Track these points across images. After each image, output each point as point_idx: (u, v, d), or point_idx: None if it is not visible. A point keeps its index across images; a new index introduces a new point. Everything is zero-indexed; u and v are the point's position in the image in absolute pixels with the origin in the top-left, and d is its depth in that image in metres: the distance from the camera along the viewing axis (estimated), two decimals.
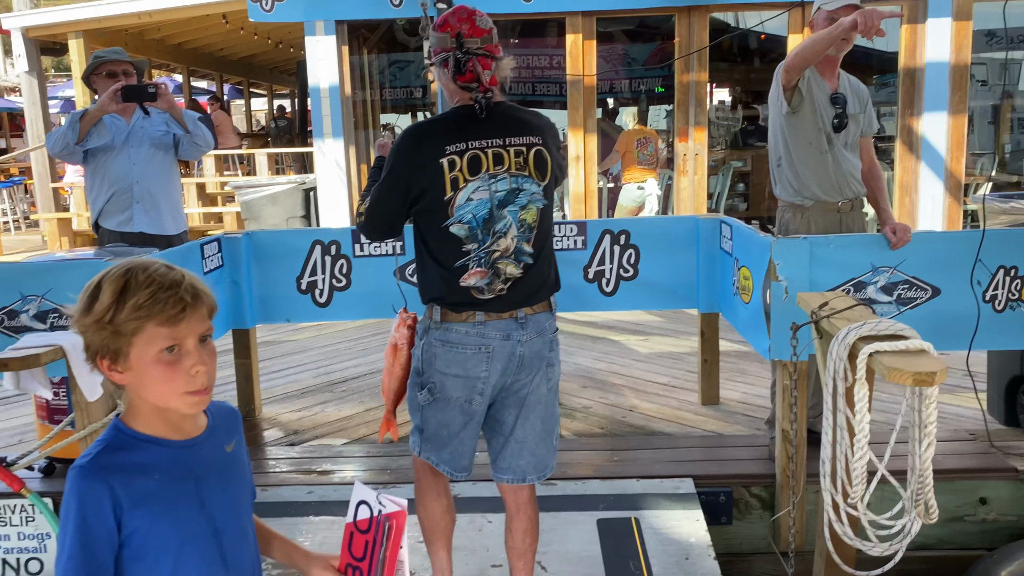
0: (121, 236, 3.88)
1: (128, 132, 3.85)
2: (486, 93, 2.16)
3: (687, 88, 6.84)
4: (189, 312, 1.27)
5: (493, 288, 2.16)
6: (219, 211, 9.39)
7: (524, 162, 2.17)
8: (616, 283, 3.97)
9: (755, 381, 4.37)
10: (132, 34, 10.74)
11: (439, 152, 2.12)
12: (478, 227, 2.14)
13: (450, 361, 2.19)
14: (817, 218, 3.33)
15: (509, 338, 2.17)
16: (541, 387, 2.26)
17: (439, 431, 2.27)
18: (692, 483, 3.18)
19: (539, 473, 2.33)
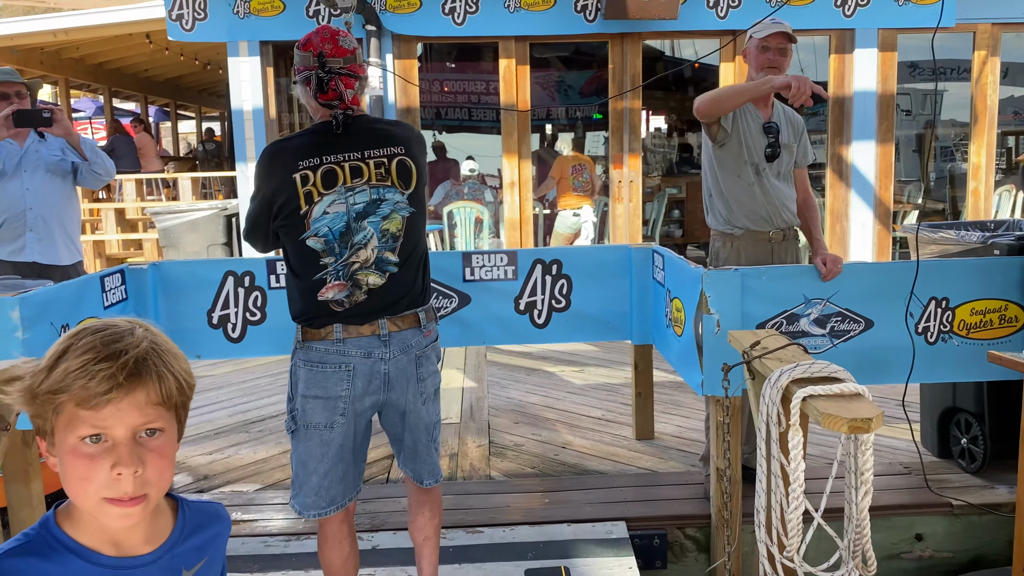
0: (13, 266, 3.61)
1: (21, 157, 3.60)
2: (347, 110, 2.17)
3: (621, 115, 6.80)
4: (119, 394, 1.01)
5: (353, 299, 2.16)
6: (139, 237, 8.98)
7: (386, 173, 2.18)
8: (548, 315, 3.83)
9: (690, 414, 4.27)
10: (48, 52, 10.29)
11: (293, 167, 2.13)
12: (335, 240, 2.14)
13: (311, 382, 2.16)
14: (748, 247, 3.26)
15: (370, 356, 2.16)
16: (416, 402, 2.27)
17: (299, 471, 2.25)
18: (625, 527, 3.03)
19: (435, 477, 2.39)
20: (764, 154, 3.20)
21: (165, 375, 1.05)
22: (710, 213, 3.35)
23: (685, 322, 3.15)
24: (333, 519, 2.29)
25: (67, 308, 3.12)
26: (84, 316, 3.24)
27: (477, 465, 3.67)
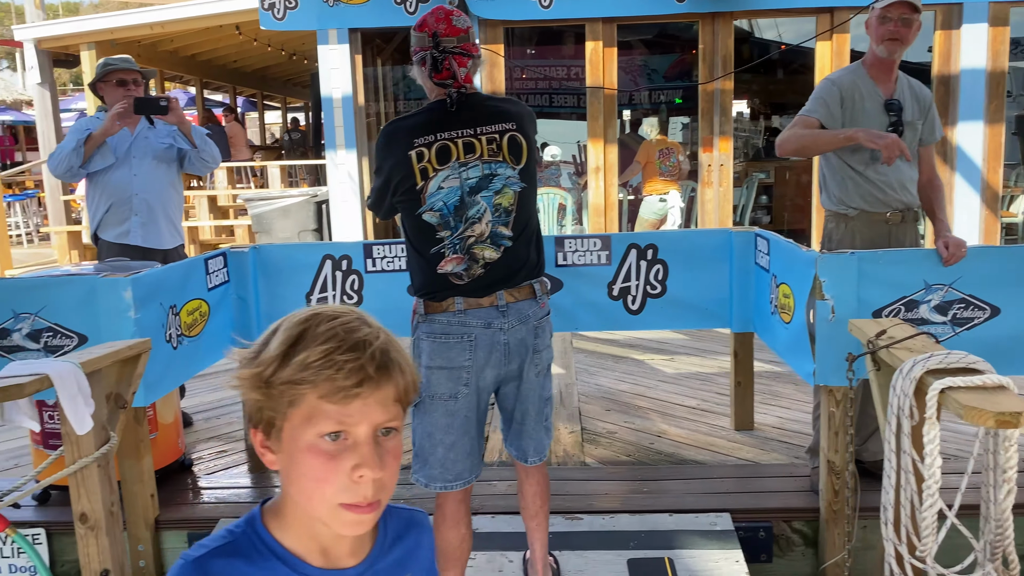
0: (120, 248, 3.75)
1: (131, 144, 3.73)
2: (460, 88, 2.20)
3: (711, 97, 6.62)
4: (369, 389, 0.93)
5: (471, 272, 2.21)
6: (230, 224, 9.23)
7: (497, 148, 2.21)
8: (643, 301, 3.74)
9: (790, 405, 4.12)
10: (145, 45, 10.65)
11: (408, 145, 2.19)
12: (449, 214, 2.19)
13: (435, 353, 2.21)
14: (863, 229, 3.12)
15: (490, 326, 2.20)
16: (530, 373, 2.30)
17: (424, 443, 2.29)
18: (729, 518, 2.94)
19: (539, 455, 2.41)
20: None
21: (406, 369, 0.97)
22: (823, 192, 3.22)
23: (795, 309, 3.02)
24: (453, 497, 2.31)
25: (175, 289, 3.20)
26: (190, 297, 3.31)
27: (571, 451, 3.63)
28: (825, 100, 3.09)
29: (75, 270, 3.64)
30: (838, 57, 6.50)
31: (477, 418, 2.30)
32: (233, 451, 3.77)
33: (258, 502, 1.08)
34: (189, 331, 3.29)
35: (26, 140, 21.30)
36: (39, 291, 2.97)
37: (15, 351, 2.99)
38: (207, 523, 3.06)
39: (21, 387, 2.03)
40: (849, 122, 3.05)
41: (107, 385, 2.43)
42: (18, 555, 3.10)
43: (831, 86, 3.10)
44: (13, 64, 35.87)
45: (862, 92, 3.07)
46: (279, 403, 0.95)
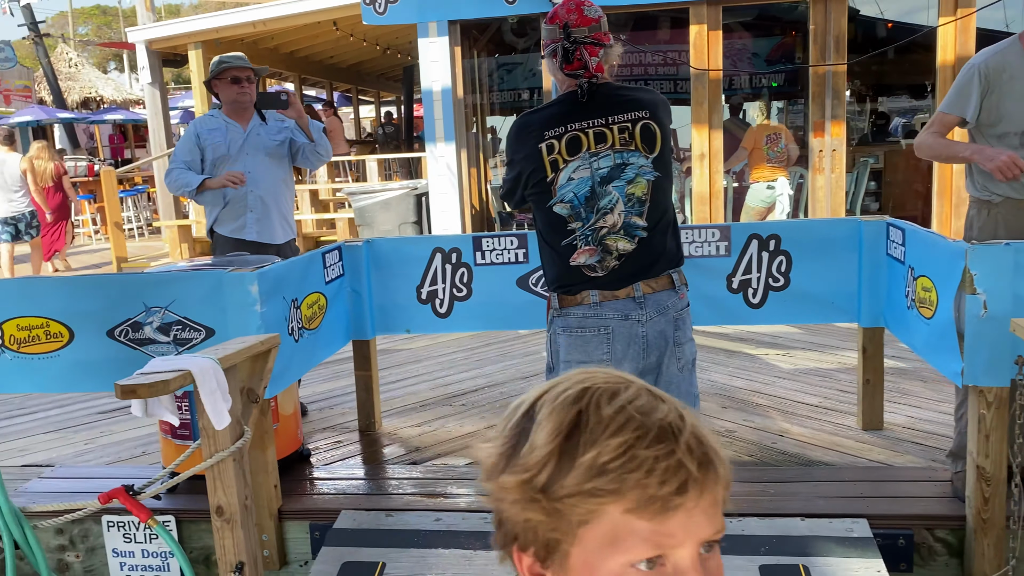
0: (235, 243, 3.83)
1: (244, 140, 3.80)
2: (591, 78, 2.16)
3: (823, 79, 6.34)
4: (693, 494, 0.71)
5: (605, 264, 2.16)
6: (331, 217, 9.41)
7: (629, 137, 2.17)
8: (764, 294, 3.59)
9: (920, 403, 3.90)
10: (247, 44, 10.95)
11: (539, 137, 2.17)
12: (580, 205, 2.15)
13: (571, 347, 2.18)
14: (1008, 216, 2.93)
15: (628, 318, 2.16)
16: (671, 367, 2.24)
17: None
18: (867, 525, 2.78)
19: None
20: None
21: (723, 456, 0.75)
22: (968, 177, 3.03)
23: (937, 303, 2.83)
24: None
25: (296, 283, 3.24)
26: (309, 291, 3.35)
27: None
28: (964, 93, 2.92)
29: (199, 264, 3.74)
30: (963, 34, 6.12)
31: None
32: (348, 442, 3.82)
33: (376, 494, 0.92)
34: (309, 324, 3.33)
35: (134, 137, 22.33)
36: (169, 285, 3.05)
37: (146, 343, 3.08)
38: (329, 514, 3.09)
39: (167, 383, 2.07)
40: (996, 108, 2.87)
41: (240, 380, 2.47)
42: (151, 541, 3.20)
43: (972, 74, 2.91)
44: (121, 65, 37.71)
45: (1012, 72, 2.85)
46: (564, 521, 0.71)
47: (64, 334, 3.14)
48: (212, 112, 3.95)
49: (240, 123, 3.84)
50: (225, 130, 3.82)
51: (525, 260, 3.70)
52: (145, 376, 2.13)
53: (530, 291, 3.71)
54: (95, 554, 3.25)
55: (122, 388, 2.09)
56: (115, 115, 20.36)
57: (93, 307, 3.09)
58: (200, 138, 3.81)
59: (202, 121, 3.89)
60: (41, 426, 4.30)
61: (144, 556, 3.22)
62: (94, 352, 3.11)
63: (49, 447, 4.00)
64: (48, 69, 18.85)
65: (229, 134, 3.81)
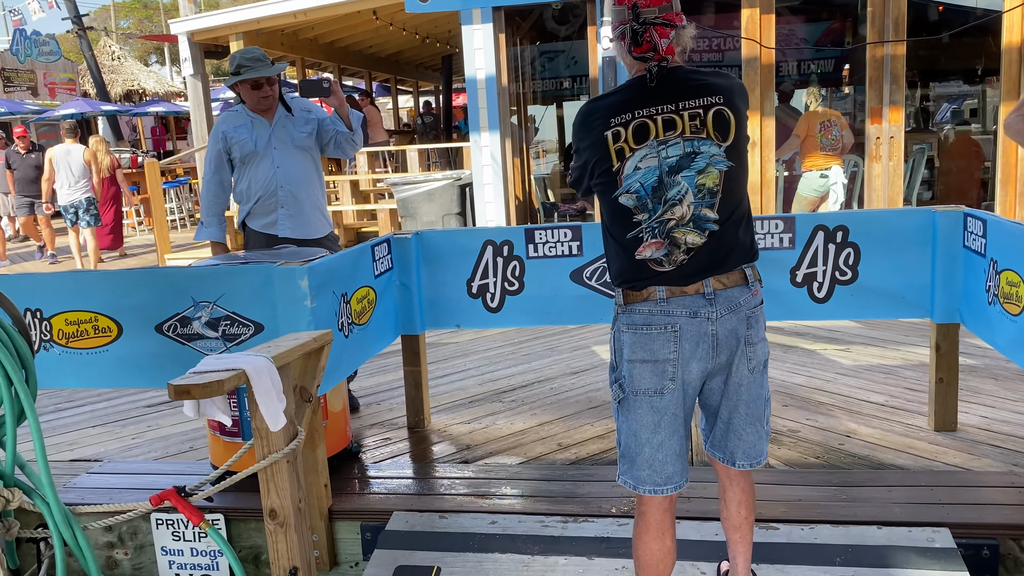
0: (267, 238, 3.74)
1: (270, 134, 3.69)
2: (661, 61, 2.01)
3: (881, 64, 6.11)
4: None
5: (673, 259, 2.04)
6: (372, 208, 9.36)
7: (701, 124, 2.03)
8: (830, 288, 3.43)
9: (995, 403, 3.70)
10: (287, 34, 10.94)
11: (604, 125, 2.05)
12: (647, 196, 2.04)
13: (636, 345, 2.07)
14: None
15: (696, 315, 2.04)
16: (742, 368, 2.10)
17: (629, 442, 2.13)
18: (949, 534, 2.62)
19: (749, 460, 2.20)
20: None
21: None
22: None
23: None
24: (658, 505, 2.14)
25: (345, 277, 3.15)
26: (359, 285, 3.27)
27: None
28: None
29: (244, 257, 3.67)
30: None
31: (684, 417, 2.12)
32: (396, 439, 3.73)
33: (428, 494, 0.86)
34: (359, 319, 3.24)
35: (176, 129, 22.58)
36: (217, 279, 2.98)
37: (195, 339, 3.02)
38: (380, 515, 3.01)
39: (221, 383, 1.99)
40: None
41: (294, 378, 2.39)
42: (199, 540, 3.15)
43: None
44: (162, 58, 38.18)
45: None
46: None
47: (113, 329, 3.09)
48: (236, 108, 3.82)
49: (265, 118, 3.72)
50: (251, 126, 3.70)
51: (579, 253, 3.57)
52: (199, 376, 2.05)
53: (585, 285, 3.59)
54: (144, 552, 3.21)
55: (176, 388, 2.01)
56: (157, 107, 20.59)
57: (142, 302, 3.03)
58: (227, 138, 3.70)
59: (226, 119, 3.77)
60: (89, 420, 4.29)
61: (193, 555, 3.18)
62: (142, 347, 3.06)
63: (97, 441, 3.98)
64: (92, 62, 19.10)
65: (255, 130, 3.69)
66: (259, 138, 3.67)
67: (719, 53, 10.11)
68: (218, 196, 3.78)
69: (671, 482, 2.11)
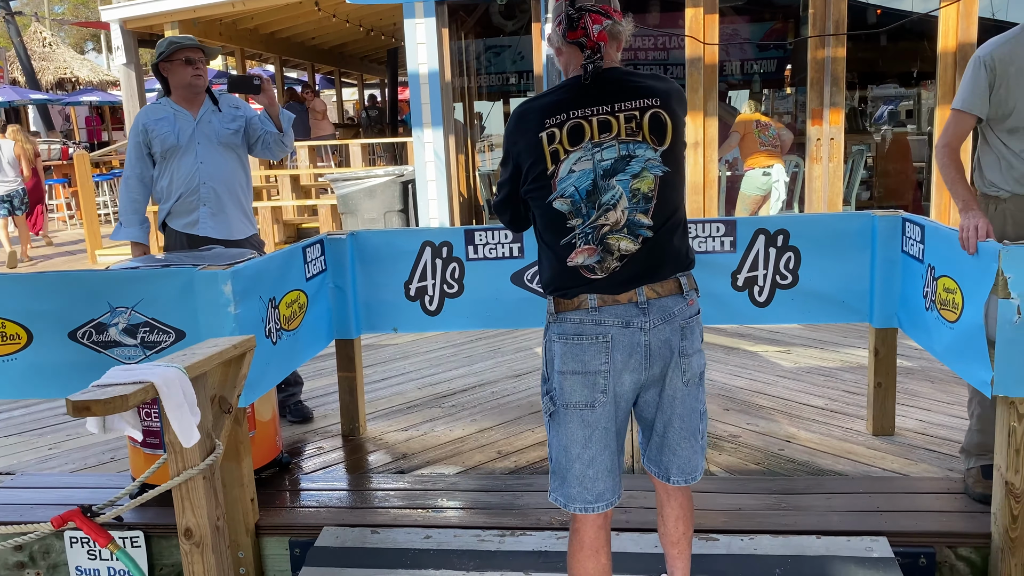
0: (188, 238, 3.55)
1: (194, 129, 3.50)
2: (595, 52, 1.93)
3: (822, 65, 6.15)
4: None
5: (605, 266, 1.97)
6: (313, 204, 9.14)
7: (636, 127, 1.96)
8: (771, 292, 3.41)
9: (930, 406, 3.73)
10: (226, 24, 10.62)
11: (539, 126, 1.97)
12: (581, 200, 1.96)
13: (567, 356, 2.00)
14: (1015, 211, 2.80)
15: (629, 325, 1.97)
16: (676, 380, 2.04)
17: (560, 457, 2.06)
18: (887, 543, 2.60)
19: (684, 476, 2.14)
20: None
21: None
22: (976, 171, 2.89)
23: (963, 306, 2.65)
24: (592, 523, 2.06)
25: (274, 281, 3.01)
26: (289, 288, 3.13)
27: None
28: (971, 88, 2.74)
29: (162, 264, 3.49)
30: (965, 19, 5.94)
31: (617, 430, 2.05)
32: (330, 448, 3.60)
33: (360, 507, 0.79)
34: (288, 324, 3.10)
35: (112, 120, 21.85)
36: (135, 284, 2.81)
37: (112, 346, 2.85)
38: (310, 530, 2.88)
39: (125, 399, 1.85)
40: (1005, 103, 2.71)
41: (211, 388, 2.25)
42: (116, 559, 2.98)
43: (977, 68, 2.72)
44: (99, 46, 36.95)
45: (1020, 65, 2.67)
46: None
47: (22, 336, 2.90)
48: (160, 100, 3.61)
49: (190, 111, 3.52)
50: (173, 119, 3.50)
51: (520, 255, 3.49)
52: (101, 390, 1.90)
53: (526, 287, 3.50)
54: (57, 571, 3.03)
55: (74, 404, 1.86)
56: (91, 96, 19.89)
57: (53, 307, 2.85)
58: (147, 131, 3.49)
59: (148, 111, 3.56)
60: (3, 429, 4.06)
61: (111, 574, 3.00)
62: (55, 355, 2.88)
63: (11, 452, 3.76)
64: (20, 48, 18.36)
65: (178, 123, 3.49)
66: (182, 132, 3.48)
67: (664, 52, 10.14)
68: (138, 193, 3.57)
69: (602, 499, 2.04)
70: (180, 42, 3.49)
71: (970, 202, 2.65)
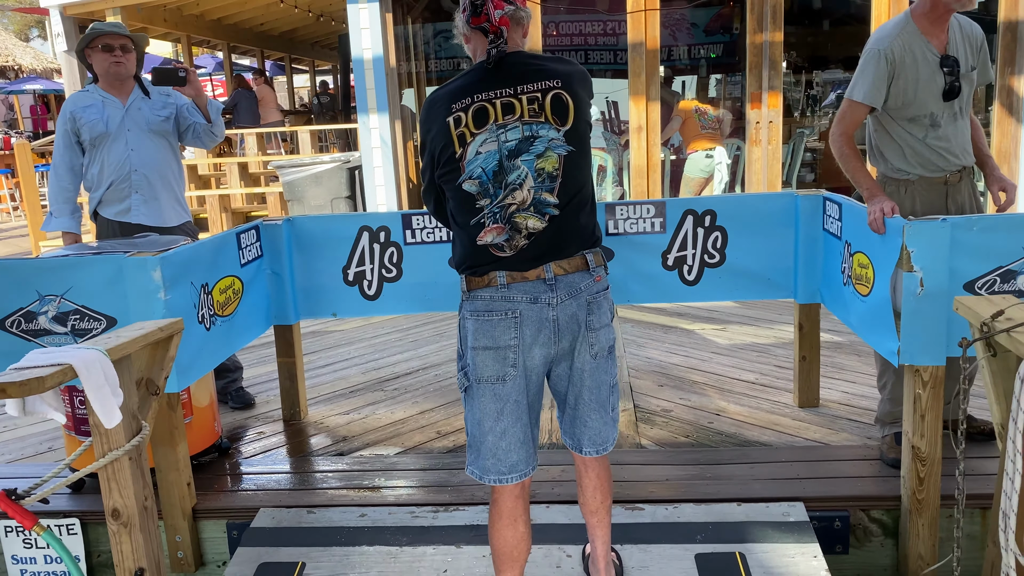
0: (120, 226, 3.53)
1: (123, 115, 3.48)
2: (498, 36, 1.98)
3: (760, 49, 6.27)
4: None
5: (514, 244, 2.03)
6: (262, 191, 9.07)
7: (539, 108, 2.01)
8: (700, 270, 3.51)
9: (855, 379, 3.88)
10: (170, 9, 10.43)
11: (446, 111, 2.03)
12: (488, 181, 2.02)
13: (479, 332, 2.06)
14: (922, 192, 2.94)
15: (537, 301, 2.03)
16: (584, 354, 2.10)
17: (474, 431, 2.14)
18: (803, 508, 2.72)
19: (595, 447, 2.21)
20: (941, 96, 2.80)
21: None
22: (875, 158, 3.01)
23: (874, 280, 2.77)
24: (509, 493, 2.13)
25: (206, 266, 3.02)
26: (223, 275, 3.14)
27: (625, 432, 3.43)
28: (872, 80, 2.82)
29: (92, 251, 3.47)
30: (896, 4, 6.10)
31: (528, 403, 2.12)
32: (270, 433, 3.63)
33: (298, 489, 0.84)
34: (222, 310, 3.12)
35: (57, 109, 21.32)
36: (64, 271, 2.81)
37: (42, 335, 2.84)
38: (248, 512, 2.92)
39: (42, 380, 1.86)
40: (904, 92, 2.82)
41: (137, 371, 2.27)
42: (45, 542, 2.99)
43: (878, 60, 2.80)
44: (43, 33, 35.93)
45: (915, 54, 2.79)
46: None
47: None
48: (88, 87, 3.58)
49: (119, 97, 3.50)
50: (102, 106, 3.47)
51: None
52: (18, 372, 1.91)
53: None
54: None
55: None
56: (34, 84, 19.38)
57: None
58: (75, 118, 3.46)
59: (76, 98, 3.53)
60: None
61: (47, 562, 3.01)
62: None
63: None
64: None
65: (106, 110, 3.47)
66: (111, 119, 3.46)
67: (614, 37, 10.21)
68: (67, 182, 3.54)
69: (516, 470, 2.10)
70: (100, 28, 3.46)
71: (874, 188, 2.77)
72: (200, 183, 9.54)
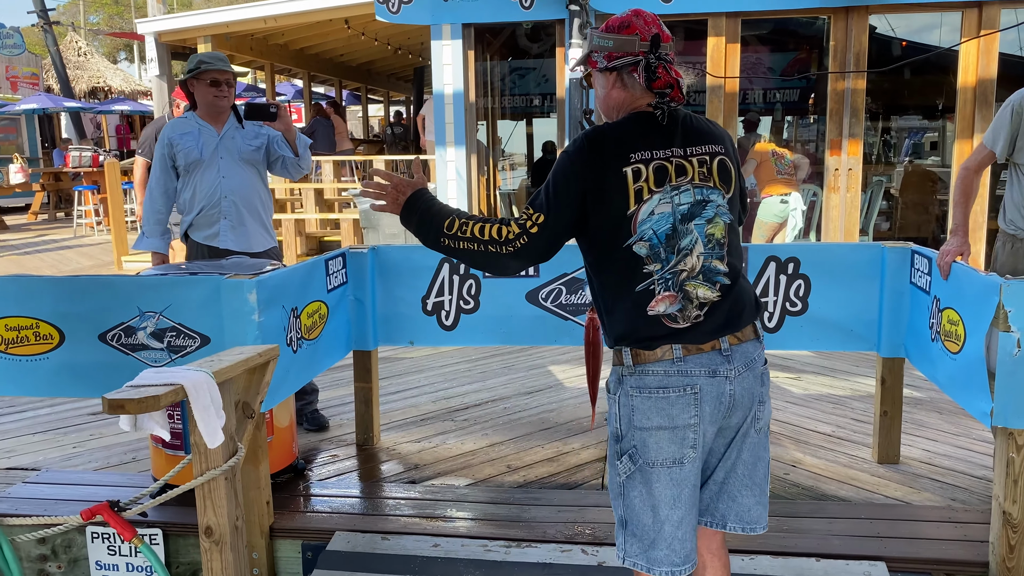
0: (208, 249, 3.68)
1: (217, 144, 3.64)
2: (671, 101, 1.90)
3: (841, 96, 6.23)
4: None
5: (687, 315, 1.89)
6: (336, 217, 9.30)
7: (708, 172, 1.93)
8: (781, 318, 3.47)
9: (936, 436, 3.77)
10: (257, 39, 10.87)
11: (623, 160, 1.88)
12: (660, 244, 1.88)
13: (651, 411, 1.89)
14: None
15: (716, 375, 1.88)
16: (749, 430, 1.97)
17: (644, 519, 1.93)
18: (885, 568, 2.65)
19: (742, 524, 2.01)
20: None
21: None
22: (1000, 211, 2.98)
23: (965, 338, 2.71)
24: None
25: (296, 291, 3.12)
26: (310, 299, 3.23)
27: None
28: (996, 129, 3.02)
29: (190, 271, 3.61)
30: (985, 56, 6.00)
31: (698, 486, 1.97)
32: (344, 456, 3.69)
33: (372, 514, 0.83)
34: (308, 334, 3.21)
35: (140, 129, 22.23)
36: (164, 290, 2.93)
37: (139, 349, 2.97)
38: (322, 534, 2.97)
39: (157, 399, 1.95)
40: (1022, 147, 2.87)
41: (235, 393, 2.35)
42: (135, 554, 3.08)
43: (1005, 111, 3.00)
44: (131, 56, 37.67)
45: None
46: None
47: (54, 336, 3.02)
48: (186, 115, 3.76)
49: (215, 126, 3.67)
50: (198, 134, 3.64)
51: (536, 273, 3.58)
52: (135, 390, 2.01)
53: (540, 306, 3.59)
54: (78, 565, 3.13)
55: (110, 402, 1.97)
56: (123, 106, 20.26)
57: (85, 309, 2.97)
58: (172, 144, 3.63)
59: (174, 125, 3.71)
60: (29, 426, 4.18)
61: (129, 570, 3.10)
62: (85, 356, 3.00)
63: (36, 449, 3.88)
64: (56, 57, 18.75)
65: (202, 138, 3.63)
66: (205, 146, 3.62)
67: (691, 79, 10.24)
68: (161, 204, 3.71)
69: (689, 560, 1.93)
70: (209, 63, 3.62)
71: (960, 226, 2.78)
72: (277, 207, 9.83)
